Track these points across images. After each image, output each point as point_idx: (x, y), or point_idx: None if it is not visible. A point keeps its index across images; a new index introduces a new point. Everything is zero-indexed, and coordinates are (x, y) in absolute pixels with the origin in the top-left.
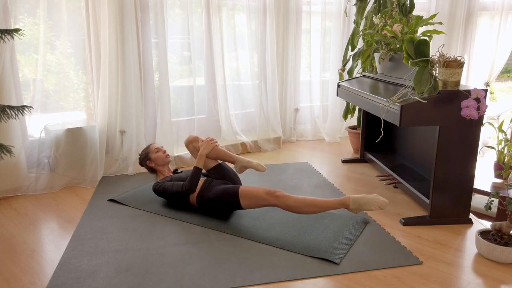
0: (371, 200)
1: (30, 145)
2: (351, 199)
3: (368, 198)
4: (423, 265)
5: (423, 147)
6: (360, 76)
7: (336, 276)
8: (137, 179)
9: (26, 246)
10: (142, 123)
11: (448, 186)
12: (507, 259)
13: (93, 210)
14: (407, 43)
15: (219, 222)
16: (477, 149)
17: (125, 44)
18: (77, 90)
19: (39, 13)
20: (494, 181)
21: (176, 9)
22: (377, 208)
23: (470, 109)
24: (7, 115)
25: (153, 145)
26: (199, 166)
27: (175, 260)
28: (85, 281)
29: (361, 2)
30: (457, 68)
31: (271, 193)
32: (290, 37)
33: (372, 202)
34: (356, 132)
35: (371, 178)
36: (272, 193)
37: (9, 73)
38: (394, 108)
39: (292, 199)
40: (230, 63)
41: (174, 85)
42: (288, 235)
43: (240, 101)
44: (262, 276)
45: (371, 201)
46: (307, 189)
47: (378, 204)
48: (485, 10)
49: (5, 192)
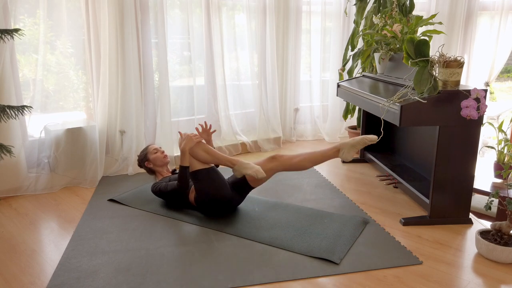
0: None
1: (30, 145)
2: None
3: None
4: (423, 265)
5: (423, 147)
6: (360, 76)
7: (336, 276)
8: (137, 179)
9: (26, 246)
10: (142, 123)
11: (448, 186)
12: (507, 259)
13: (93, 210)
14: (407, 43)
15: (219, 222)
16: (477, 149)
17: (125, 44)
18: (77, 90)
19: (39, 13)
20: (494, 181)
21: (176, 9)
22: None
23: (470, 109)
24: (7, 115)
25: (151, 146)
26: (183, 164)
27: (175, 260)
28: (85, 281)
29: (361, 2)
30: (457, 68)
31: (274, 158)
32: (290, 37)
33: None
34: (356, 132)
35: (371, 178)
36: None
37: (9, 73)
38: (394, 108)
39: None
40: (230, 63)
41: (174, 85)
42: (288, 235)
43: (240, 101)
44: (262, 276)
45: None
46: (307, 189)
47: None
48: (485, 10)
49: (5, 192)
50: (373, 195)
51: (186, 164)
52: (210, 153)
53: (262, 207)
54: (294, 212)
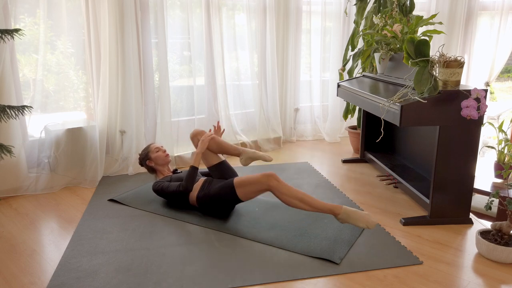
0: (362, 217)
1: (30, 145)
2: (343, 210)
3: (360, 214)
4: (423, 265)
5: (423, 147)
6: (360, 76)
7: (336, 276)
8: (137, 179)
9: (26, 246)
10: (142, 123)
11: (448, 186)
12: (507, 259)
13: (93, 210)
14: (407, 43)
15: (219, 222)
16: (477, 149)
17: (125, 44)
18: (77, 90)
19: (39, 13)
20: (494, 181)
21: (176, 9)
22: (365, 227)
23: (470, 109)
24: (7, 115)
25: (153, 144)
26: (195, 165)
27: (175, 260)
28: (85, 281)
29: (361, 2)
30: (457, 68)
31: (267, 174)
32: (290, 37)
33: (362, 220)
34: (356, 132)
35: (371, 178)
36: (268, 174)
37: (9, 73)
38: (394, 108)
39: (287, 187)
40: (230, 63)
41: (174, 85)
42: (288, 235)
43: (240, 101)
44: (262, 276)
45: (361, 218)
46: (307, 189)
47: (367, 223)
48: (485, 10)
49: (5, 192)
50: (373, 195)
51: (197, 165)
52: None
53: (262, 207)
54: (294, 212)
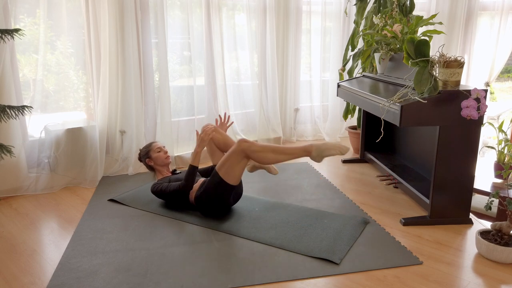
0: (333, 146)
1: (30, 145)
2: (314, 147)
3: (330, 144)
4: (423, 265)
5: (423, 147)
6: (360, 76)
7: (336, 276)
8: (137, 179)
9: (26, 246)
10: (142, 123)
11: (448, 186)
12: (507, 259)
13: (93, 210)
14: (407, 43)
15: (219, 222)
16: (477, 149)
17: (125, 44)
18: (77, 90)
19: (39, 13)
20: (494, 181)
21: (176, 9)
22: (338, 153)
23: (470, 109)
24: (7, 115)
25: (156, 143)
26: (194, 164)
27: (175, 260)
28: (85, 281)
29: (361, 2)
30: (457, 68)
31: (237, 142)
32: (290, 37)
33: (334, 148)
34: (356, 132)
35: (371, 178)
36: (238, 141)
37: (9, 73)
38: (394, 108)
39: (258, 145)
40: (230, 63)
41: (174, 85)
42: (288, 235)
43: (240, 101)
44: (262, 276)
45: (333, 147)
46: (307, 189)
47: (340, 149)
48: (485, 10)
49: (5, 192)
50: (373, 195)
51: (196, 164)
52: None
53: (262, 207)
54: (294, 212)
